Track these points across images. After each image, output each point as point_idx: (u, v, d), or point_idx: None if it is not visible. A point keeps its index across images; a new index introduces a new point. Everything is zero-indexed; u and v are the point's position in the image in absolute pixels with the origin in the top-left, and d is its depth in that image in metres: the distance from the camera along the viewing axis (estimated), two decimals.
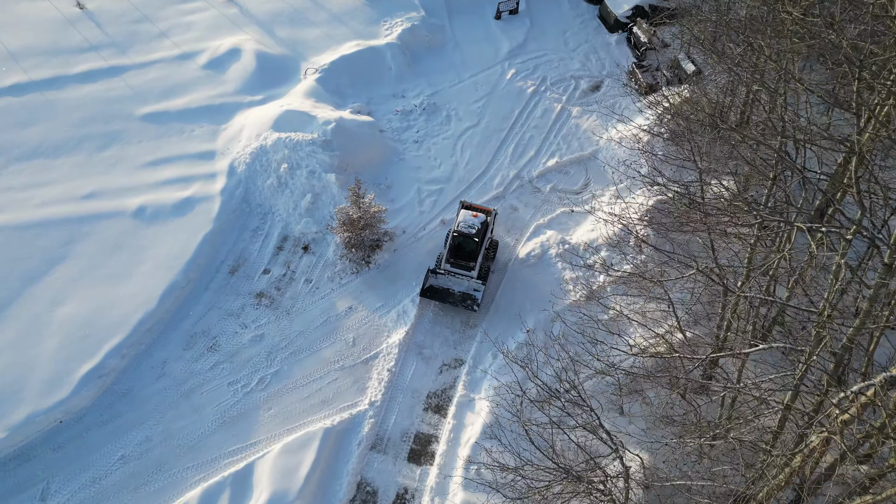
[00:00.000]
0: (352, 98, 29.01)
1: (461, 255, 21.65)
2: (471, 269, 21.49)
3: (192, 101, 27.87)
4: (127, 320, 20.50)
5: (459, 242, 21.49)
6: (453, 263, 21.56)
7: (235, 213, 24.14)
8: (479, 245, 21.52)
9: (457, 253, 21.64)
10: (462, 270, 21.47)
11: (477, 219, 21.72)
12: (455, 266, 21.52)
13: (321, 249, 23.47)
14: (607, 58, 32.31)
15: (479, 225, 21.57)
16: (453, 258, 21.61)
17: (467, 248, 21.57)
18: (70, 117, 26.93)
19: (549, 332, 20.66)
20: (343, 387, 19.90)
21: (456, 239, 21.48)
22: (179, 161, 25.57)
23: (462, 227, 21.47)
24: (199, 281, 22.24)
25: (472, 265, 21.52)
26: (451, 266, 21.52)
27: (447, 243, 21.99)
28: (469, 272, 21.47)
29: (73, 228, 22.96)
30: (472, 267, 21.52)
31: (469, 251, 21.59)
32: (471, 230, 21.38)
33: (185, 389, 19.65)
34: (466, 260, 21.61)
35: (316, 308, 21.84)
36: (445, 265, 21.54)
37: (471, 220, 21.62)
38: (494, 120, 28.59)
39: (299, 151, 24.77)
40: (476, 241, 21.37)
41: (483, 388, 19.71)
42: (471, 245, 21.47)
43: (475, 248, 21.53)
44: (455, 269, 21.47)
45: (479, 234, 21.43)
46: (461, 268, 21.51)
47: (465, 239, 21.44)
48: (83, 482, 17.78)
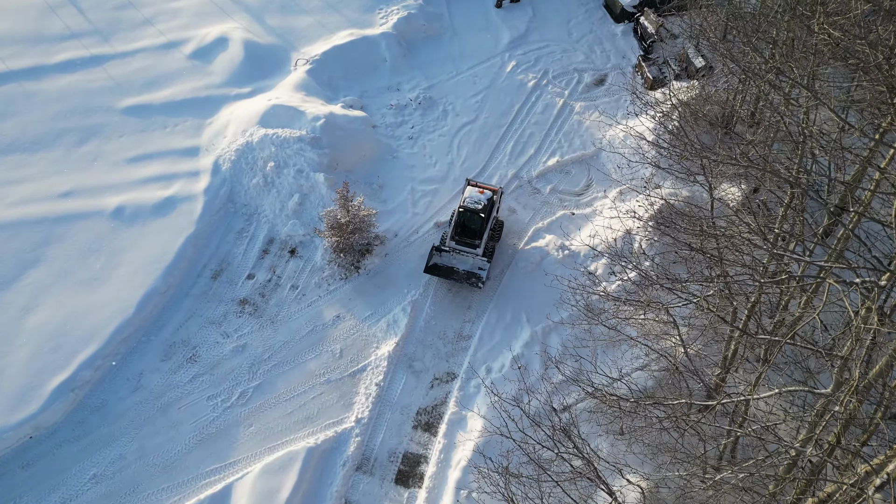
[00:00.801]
0: (344, 91, 27.72)
1: (466, 232, 21.35)
2: (476, 247, 21.02)
3: (177, 94, 26.62)
4: (102, 329, 19.47)
5: (465, 219, 21.20)
6: (458, 241, 21.16)
7: (219, 214, 23.00)
8: (484, 221, 21.17)
9: (462, 230, 21.36)
10: (467, 248, 21.02)
11: (483, 195, 21.30)
12: (460, 243, 21.11)
13: (309, 253, 22.36)
14: (612, 49, 30.90)
15: (485, 201, 21.15)
16: (458, 235, 21.27)
17: (473, 225, 21.26)
18: (48, 110, 25.72)
19: (546, 349, 19.59)
20: (328, 402, 18.89)
21: (462, 215, 21.15)
22: (162, 157, 24.39)
23: (468, 202, 21.10)
24: (180, 286, 21.17)
25: (477, 243, 21.09)
26: (455, 243, 21.11)
27: (451, 221, 21.68)
28: (474, 250, 20.99)
29: (47, 229, 21.86)
30: (477, 245, 21.06)
31: (474, 228, 21.28)
32: (476, 206, 21.00)
33: (161, 403, 18.67)
34: (472, 237, 21.24)
35: (302, 316, 20.78)
36: (450, 242, 21.10)
37: (477, 196, 21.20)
38: (493, 115, 27.30)
39: (287, 149, 23.56)
40: (482, 216, 21.04)
41: (476, 404, 18.70)
42: (476, 221, 21.14)
43: (481, 225, 21.19)
44: (460, 246, 21.05)
45: (484, 209, 21.04)
46: (466, 245, 21.08)
47: (470, 215, 21.09)
48: (53, 502, 16.86)
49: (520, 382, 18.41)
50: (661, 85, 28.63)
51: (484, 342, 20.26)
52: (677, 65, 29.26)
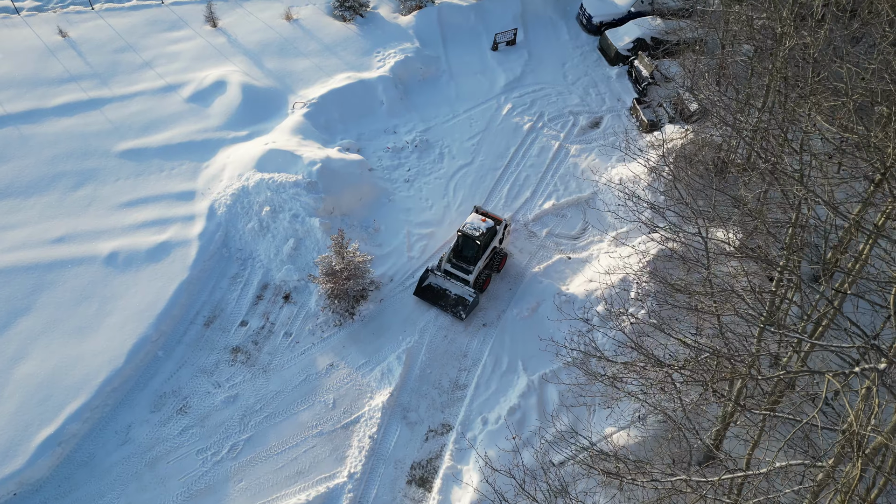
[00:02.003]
0: (341, 134, 27.84)
1: (461, 257, 21.72)
2: (468, 273, 21.37)
3: (174, 137, 26.70)
4: (91, 380, 19.13)
5: (461, 243, 21.72)
6: (454, 264, 21.61)
7: (214, 259, 22.85)
8: (480, 249, 21.50)
9: (458, 253, 21.78)
10: (460, 272, 21.43)
11: (484, 223, 21.73)
12: (455, 267, 21.54)
13: (303, 299, 22.15)
14: (607, 92, 31.19)
15: (484, 229, 21.52)
16: (455, 258, 21.74)
17: (468, 251, 21.68)
18: (44, 153, 25.75)
19: (542, 399, 19.24)
20: (321, 455, 18.48)
21: (459, 239, 21.72)
22: (157, 201, 24.33)
23: (467, 227, 21.63)
24: (172, 334, 20.90)
25: (470, 269, 21.45)
26: (451, 266, 21.56)
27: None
28: (466, 276, 21.33)
29: (39, 276, 21.67)
30: (469, 271, 21.39)
31: (469, 254, 21.66)
32: (474, 232, 21.38)
33: (150, 458, 18.24)
34: (466, 262, 21.65)
35: (295, 365, 20.48)
36: (446, 265, 21.62)
37: (477, 223, 21.69)
38: (489, 158, 27.39)
39: (282, 193, 23.53)
40: (478, 243, 21.31)
41: (472, 458, 18.29)
42: (472, 247, 21.49)
43: (476, 252, 21.54)
44: (455, 269, 21.49)
45: (482, 237, 21.34)
46: (460, 269, 21.50)
47: (466, 240, 21.53)
48: None
49: (515, 447, 18.04)
50: (657, 128, 28.83)
51: (480, 392, 19.94)
52: (672, 108, 29.51)
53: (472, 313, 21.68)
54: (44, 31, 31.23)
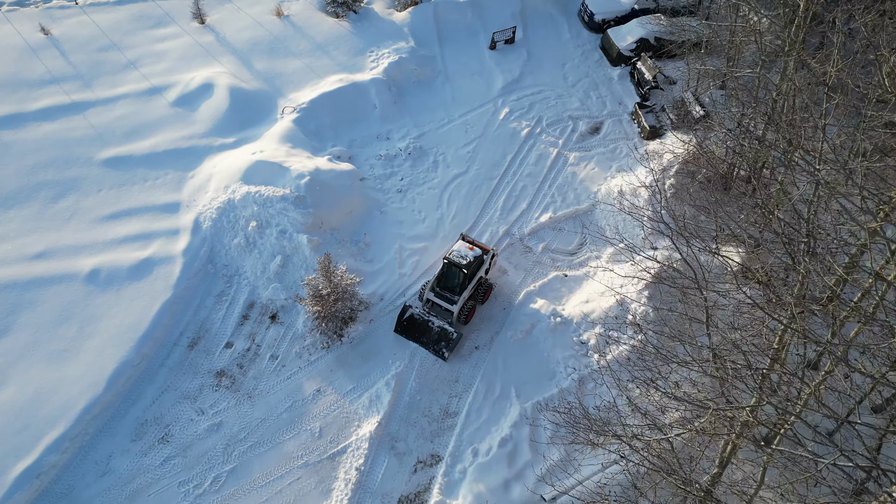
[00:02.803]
0: (332, 140, 26.94)
1: (446, 286, 20.81)
2: (453, 303, 20.49)
3: (159, 144, 25.84)
4: (70, 408, 18.57)
5: (446, 272, 20.77)
6: (437, 293, 20.73)
7: (198, 276, 22.16)
8: (466, 278, 20.62)
9: (442, 282, 20.86)
10: (444, 302, 20.53)
11: (472, 252, 20.82)
12: (439, 296, 20.66)
13: (290, 319, 21.50)
14: (609, 95, 30.16)
15: (471, 258, 20.65)
16: (439, 287, 20.86)
17: (453, 280, 20.76)
18: (26, 161, 24.94)
19: (535, 432, 18.67)
20: (306, 488, 17.98)
21: (445, 267, 20.78)
22: (141, 214, 23.57)
23: (453, 255, 20.73)
24: (154, 357, 20.31)
25: (455, 298, 20.59)
26: (435, 295, 20.67)
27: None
28: (450, 305, 20.44)
29: (18, 295, 21.01)
30: (454, 301, 20.53)
31: (454, 284, 20.76)
32: (461, 261, 20.52)
33: (130, 490, 17.75)
34: (451, 292, 20.75)
35: (281, 390, 19.90)
36: (429, 293, 20.72)
37: (464, 252, 20.79)
38: (485, 167, 26.51)
39: (269, 208, 22.74)
40: (464, 273, 20.45)
41: (461, 492, 17.78)
42: (457, 276, 20.62)
43: (462, 281, 20.67)
44: (438, 299, 20.58)
45: (468, 266, 20.48)
46: (444, 299, 20.61)
47: (452, 268, 20.62)
48: None
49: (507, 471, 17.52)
50: (659, 135, 27.87)
51: (471, 420, 19.37)
52: (675, 113, 28.49)
53: (456, 351, 20.68)
54: (25, 28, 30.19)
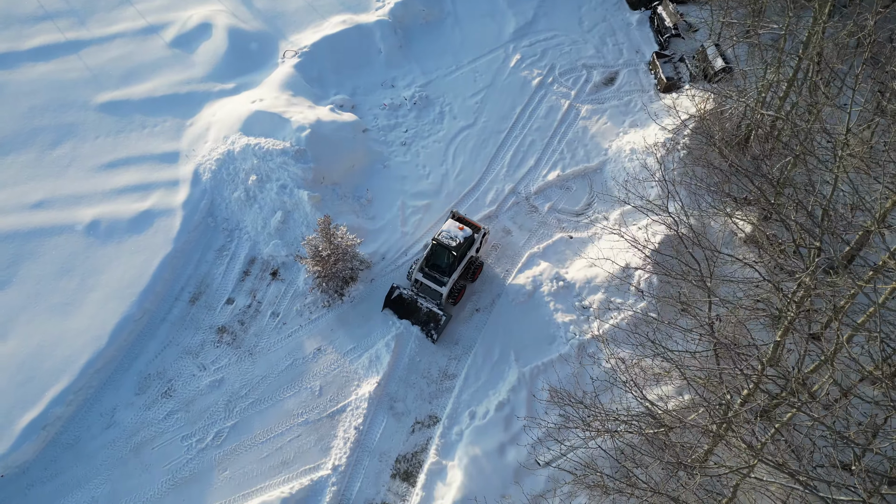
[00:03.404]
0: (334, 88, 25.98)
1: (435, 266, 20.06)
2: (442, 285, 19.81)
3: (156, 88, 25.03)
4: (74, 361, 18.84)
5: (435, 253, 19.93)
6: (426, 273, 20.01)
7: (199, 230, 21.93)
8: (456, 260, 19.87)
9: (431, 262, 20.07)
10: (433, 283, 19.82)
11: (462, 232, 19.94)
12: (427, 277, 19.95)
13: (291, 276, 21.39)
14: (626, 42, 28.67)
15: (461, 238, 19.80)
16: (428, 267, 20.10)
17: (442, 261, 19.97)
18: (21, 104, 24.32)
19: (532, 397, 18.81)
20: (305, 445, 18.38)
21: (433, 248, 19.91)
22: (139, 163, 23.12)
23: (443, 236, 19.81)
24: (156, 312, 20.39)
25: (444, 280, 19.88)
26: (423, 276, 19.96)
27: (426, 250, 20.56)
28: (439, 286, 19.76)
29: (19, 245, 20.94)
30: (443, 283, 19.84)
31: (443, 264, 19.99)
32: (450, 242, 19.67)
33: (135, 443, 18.22)
34: (440, 273, 20.00)
35: (281, 348, 20.04)
36: (418, 274, 19.99)
37: (454, 232, 19.89)
38: (493, 119, 25.58)
39: (269, 162, 22.19)
40: (454, 254, 19.67)
41: (457, 454, 18.11)
42: (446, 258, 19.82)
43: (451, 263, 19.90)
44: (427, 280, 19.87)
45: (458, 248, 19.68)
46: (433, 280, 19.89)
47: (441, 250, 19.78)
48: None
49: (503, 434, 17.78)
50: (676, 88, 26.65)
51: (469, 383, 19.50)
52: (694, 64, 27.14)
53: (445, 333, 20.22)
54: None
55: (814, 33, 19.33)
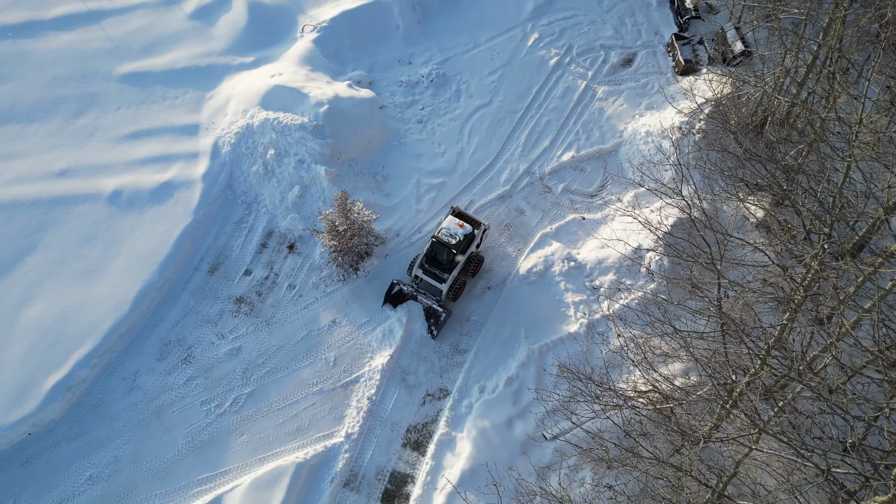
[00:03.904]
0: (352, 63, 26.14)
1: (435, 263, 20.11)
2: (442, 281, 19.85)
3: (177, 60, 25.31)
4: (98, 326, 19.46)
5: (435, 250, 19.98)
6: (426, 270, 20.02)
7: (218, 202, 22.38)
8: (455, 257, 19.90)
9: (432, 260, 20.10)
10: (433, 280, 19.88)
11: (462, 229, 19.92)
12: (427, 273, 19.96)
13: (307, 249, 21.85)
14: (645, 23, 28.54)
15: (461, 236, 19.80)
16: (428, 264, 20.13)
17: (442, 258, 20.03)
18: (45, 74, 24.69)
19: (541, 374, 19.27)
20: (320, 414, 19.00)
21: (434, 246, 19.95)
22: (160, 135, 23.51)
23: (443, 233, 19.83)
24: (177, 281, 20.95)
25: (444, 276, 19.89)
26: (423, 272, 19.96)
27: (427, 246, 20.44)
28: (440, 283, 19.83)
29: (44, 213, 21.49)
30: (444, 279, 19.86)
31: (443, 261, 20.04)
32: (450, 240, 19.71)
33: (156, 406, 18.91)
34: (440, 270, 20.01)
35: (298, 319, 20.57)
36: (418, 270, 20.03)
37: (454, 230, 19.88)
38: (509, 99, 25.70)
39: (288, 137, 22.51)
40: (454, 252, 19.73)
41: (466, 426, 18.67)
42: (446, 255, 19.88)
43: (451, 260, 19.94)
44: (427, 276, 19.91)
45: (458, 245, 19.70)
46: (433, 277, 19.91)
47: (441, 247, 19.83)
48: (52, 501, 17.50)
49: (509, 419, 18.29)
50: (693, 70, 26.60)
51: (480, 358, 19.99)
52: (713, 46, 27.01)
53: (445, 329, 20.32)
54: None
55: (834, 19, 19.27)
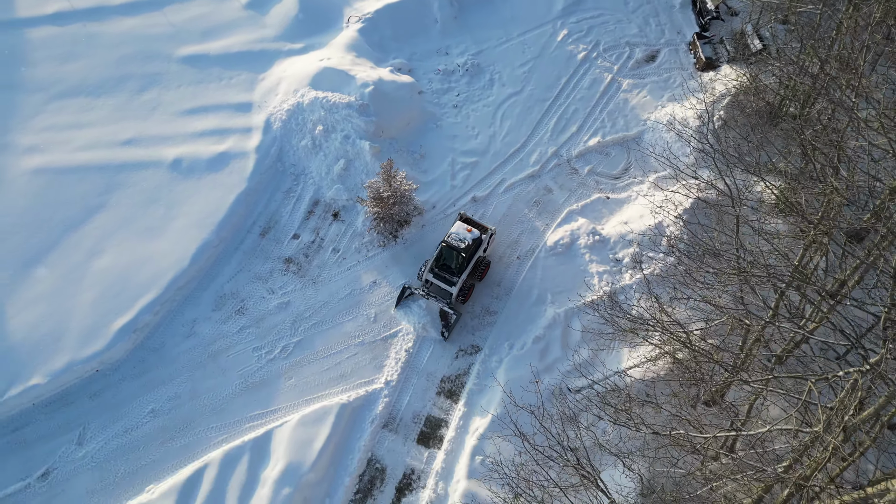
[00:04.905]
0: (394, 52, 28.04)
1: (444, 267, 21.02)
2: (452, 284, 20.72)
3: (232, 45, 27.34)
4: (160, 278, 21.26)
5: (444, 254, 20.82)
6: (436, 274, 20.93)
7: (269, 173, 24.21)
8: (465, 262, 20.76)
9: (441, 264, 21.06)
10: (443, 283, 20.81)
11: (470, 234, 20.77)
12: (437, 277, 20.88)
13: (351, 218, 23.58)
14: (668, 23, 30.25)
15: (469, 240, 20.64)
16: (437, 268, 21.05)
17: (451, 262, 20.84)
18: (111, 54, 26.80)
19: (566, 334, 20.76)
20: (361, 363, 20.60)
21: (443, 250, 20.81)
22: (217, 111, 25.45)
23: (452, 238, 20.70)
24: (231, 241, 22.73)
25: (454, 280, 20.76)
26: (433, 276, 20.89)
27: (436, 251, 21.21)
28: (449, 286, 20.74)
29: (111, 176, 23.44)
30: (453, 283, 20.72)
31: (452, 265, 20.86)
32: (459, 244, 20.57)
33: (212, 350, 20.62)
34: (449, 274, 20.92)
35: (341, 279, 22.26)
36: (428, 274, 20.94)
37: (462, 234, 20.74)
38: (539, 88, 27.44)
39: (335, 114, 24.36)
40: (463, 256, 20.56)
41: (496, 378, 20.17)
42: (455, 259, 20.71)
43: (460, 264, 20.77)
44: (437, 280, 20.86)
45: (467, 249, 20.54)
46: (443, 280, 20.82)
47: (450, 251, 20.69)
48: (116, 431, 19.20)
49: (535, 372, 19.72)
50: (714, 67, 28.21)
51: (509, 319, 21.52)
52: (733, 45, 28.63)
53: (456, 331, 21.07)
54: None
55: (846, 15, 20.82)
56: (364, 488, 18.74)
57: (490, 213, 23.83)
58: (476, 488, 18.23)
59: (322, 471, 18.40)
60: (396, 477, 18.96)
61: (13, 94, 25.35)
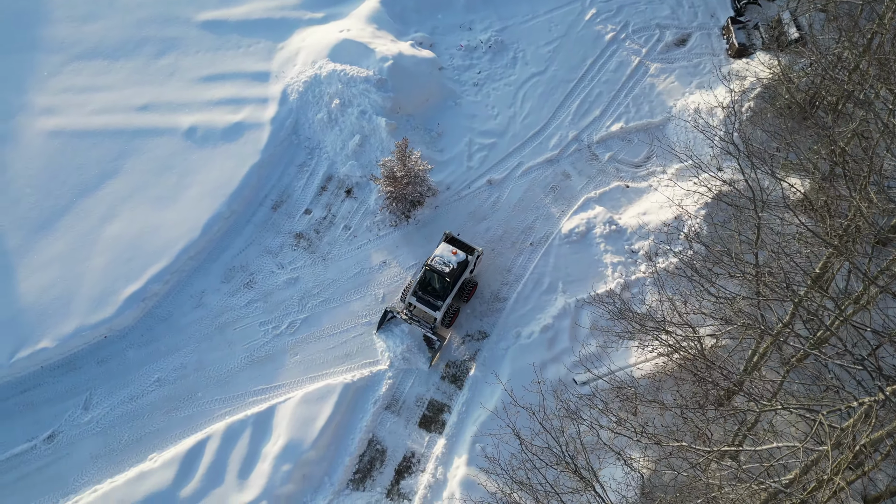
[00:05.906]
0: (415, 25, 27.33)
1: (429, 290, 20.22)
2: (436, 309, 19.86)
3: (252, 12, 26.82)
4: (171, 247, 21.23)
5: (428, 278, 20.03)
6: (419, 297, 20.07)
7: (283, 145, 23.91)
8: (449, 286, 19.93)
9: (425, 287, 20.26)
10: (427, 308, 19.92)
11: (455, 257, 19.94)
12: (421, 301, 20.00)
13: (363, 195, 23.27)
14: (702, 5, 29.06)
15: (454, 264, 19.80)
16: (421, 291, 20.22)
17: (435, 285, 20.07)
18: (130, 16, 26.45)
19: (575, 324, 20.44)
20: (367, 343, 20.51)
21: (426, 273, 20.02)
22: (234, 79, 25.09)
23: (436, 262, 19.84)
24: (243, 213, 22.59)
25: (438, 304, 19.89)
26: (417, 300, 20.03)
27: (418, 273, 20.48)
28: (434, 311, 19.84)
29: (126, 142, 23.31)
30: (437, 307, 19.86)
31: (437, 289, 20.08)
32: (444, 268, 19.71)
33: (219, 323, 20.64)
34: (434, 297, 20.07)
35: (351, 257, 22.06)
36: (411, 297, 20.10)
37: (447, 257, 19.90)
38: (563, 69, 26.62)
39: (353, 88, 23.88)
40: (447, 280, 19.76)
41: (502, 366, 19.96)
42: (439, 282, 19.95)
43: (444, 288, 19.98)
44: (420, 303, 20.00)
45: (451, 274, 19.70)
46: (427, 304, 19.94)
47: (434, 275, 19.90)
48: (122, 398, 19.40)
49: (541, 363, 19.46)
50: (746, 54, 27.13)
51: (518, 307, 21.23)
52: (768, 32, 27.47)
53: (440, 358, 20.22)
54: None
55: (890, 7, 19.74)
56: (364, 468, 18.80)
57: (505, 196, 23.37)
58: (475, 476, 18.18)
59: (323, 449, 18.47)
60: (396, 459, 18.98)
61: (33, 53, 25.18)
